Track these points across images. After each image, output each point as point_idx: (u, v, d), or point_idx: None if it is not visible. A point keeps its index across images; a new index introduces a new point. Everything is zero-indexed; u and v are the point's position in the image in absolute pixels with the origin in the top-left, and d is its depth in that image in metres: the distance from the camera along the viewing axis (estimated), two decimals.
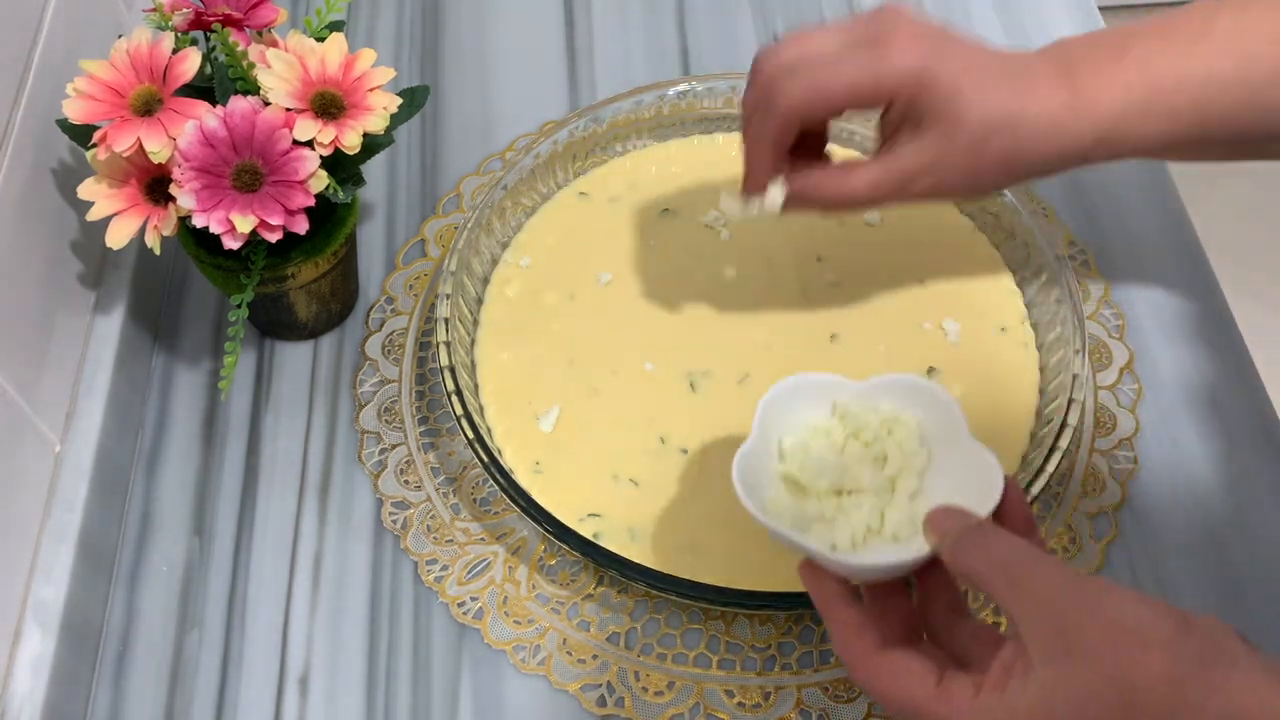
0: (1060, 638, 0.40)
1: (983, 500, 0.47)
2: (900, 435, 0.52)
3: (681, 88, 0.73)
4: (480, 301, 0.68)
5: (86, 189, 0.58)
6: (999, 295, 0.68)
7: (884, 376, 0.53)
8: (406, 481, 0.65)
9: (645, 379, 0.66)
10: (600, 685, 0.58)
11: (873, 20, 0.54)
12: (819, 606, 0.47)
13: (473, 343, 0.66)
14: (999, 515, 0.47)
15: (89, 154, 0.57)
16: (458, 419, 0.60)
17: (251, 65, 0.59)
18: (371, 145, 0.61)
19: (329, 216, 0.64)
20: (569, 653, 0.59)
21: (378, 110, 0.59)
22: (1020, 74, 0.54)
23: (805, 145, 0.57)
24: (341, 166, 0.60)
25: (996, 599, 0.42)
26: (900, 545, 0.50)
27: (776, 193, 0.57)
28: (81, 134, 0.59)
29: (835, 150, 0.61)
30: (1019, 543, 0.43)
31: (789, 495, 0.52)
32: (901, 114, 0.53)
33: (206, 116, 0.56)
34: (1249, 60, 0.52)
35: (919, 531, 0.47)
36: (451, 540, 0.63)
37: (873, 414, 0.53)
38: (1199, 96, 0.53)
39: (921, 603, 0.48)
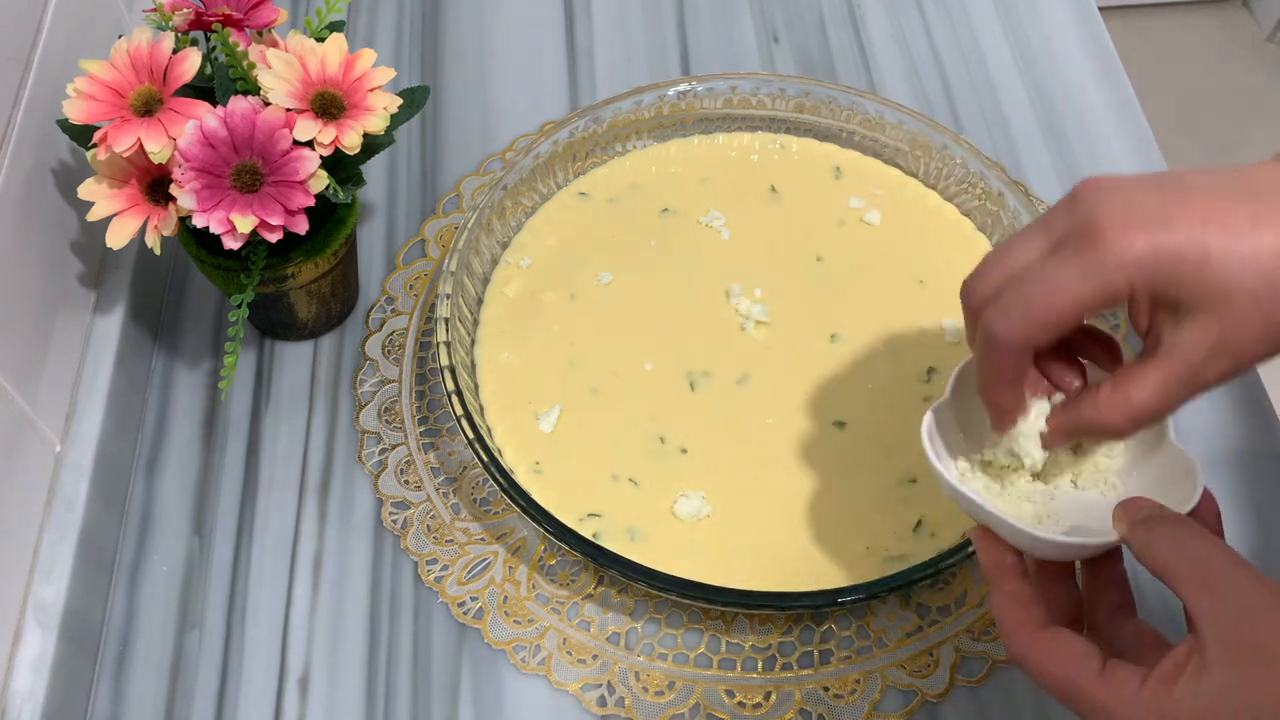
0: (1249, 644, 0.38)
1: (1176, 504, 0.45)
2: None
3: (681, 88, 0.73)
4: (480, 301, 0.68)
5: (87, 189, 0.58)
6: None
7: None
8: (406, 481, 0.65)
9: (645, 379, 0.66)
10: (600, 685, 0.58)
11: (1073, 207, 0.44)
12: (987, 573, 0.46)
13: (473, 343, 0.66)
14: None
15: (89, 154, 0.57)
16: (458, 419, 0.60)
17: (252, 65, 0.59)
18: (371, 145, 0.61)
19: (329, 216, 0.64)
20: (569, 653, 0.59)
21: (378, 110, 0.59)
22: (1275, 196, 0.42)
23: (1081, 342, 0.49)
24: (341, 166, 0.60)
25: (1183, 596, 0.40)
26: (1081, 532, 0.48)
27: (1031, 442, 0.50)
28: (81, 134, 0.59)
29: None
30: (1217, 543, 0.42)
31: (978, 470, 0.51)
32: (1150, 302, 0.43)
33: (207, 116, 0.56)
34: None
35: (1102, 523, 0.46)
36: (451, 540, 0.63)
37: None
38: None
39: (1088, 596, 0.47)
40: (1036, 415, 0.48)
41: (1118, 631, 0.45)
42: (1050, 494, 0.50)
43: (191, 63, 0.58)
